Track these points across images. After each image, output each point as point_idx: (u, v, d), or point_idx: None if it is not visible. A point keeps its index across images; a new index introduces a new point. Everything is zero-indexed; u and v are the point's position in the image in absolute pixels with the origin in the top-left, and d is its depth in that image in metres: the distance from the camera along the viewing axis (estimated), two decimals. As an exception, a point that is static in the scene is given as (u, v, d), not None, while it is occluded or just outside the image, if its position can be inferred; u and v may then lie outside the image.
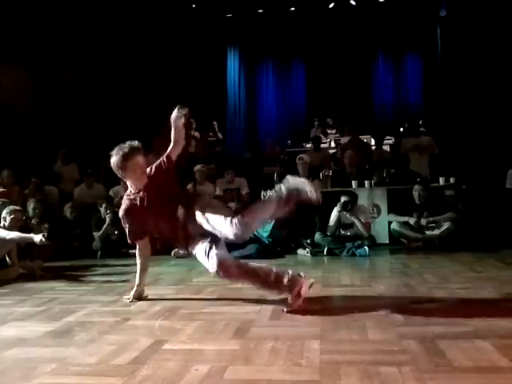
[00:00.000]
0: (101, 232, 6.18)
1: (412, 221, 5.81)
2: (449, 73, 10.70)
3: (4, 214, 4.64)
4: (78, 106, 8.77)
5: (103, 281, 4.25)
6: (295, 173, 7.18)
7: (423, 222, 5.81)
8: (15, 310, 3.07)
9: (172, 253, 5.79)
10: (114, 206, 6.28)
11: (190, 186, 7.22)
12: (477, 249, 5.37)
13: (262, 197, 5.65)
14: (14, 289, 3.97)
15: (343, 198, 5.70)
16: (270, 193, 5.51)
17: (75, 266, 5.40)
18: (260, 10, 11.76)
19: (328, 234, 5.73)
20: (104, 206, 6.30)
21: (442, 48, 11.53)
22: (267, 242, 5.66)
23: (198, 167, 7.37)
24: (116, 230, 6.10)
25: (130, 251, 6.11)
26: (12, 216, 4.58)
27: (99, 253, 6.07)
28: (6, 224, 4.56)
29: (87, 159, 7.95)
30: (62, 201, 6.89)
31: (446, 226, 5.74)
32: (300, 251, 5.69)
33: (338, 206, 5.71)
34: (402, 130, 9.96)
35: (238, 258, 5.31)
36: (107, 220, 6.20)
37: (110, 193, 6.95)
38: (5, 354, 2.19)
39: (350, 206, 5.63)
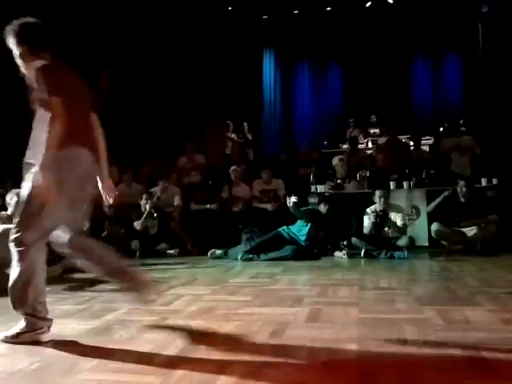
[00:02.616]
0: (141, 220, 6.30)
1: (448, 193, 5.68)
2: (490, 71, 10.39)
3: (7, 199, 4.10)
4: (114, 110, 8.94)
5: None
6: (332, 174, 7.15)
7: (466, 225, 5.64)
8: (57, 308, 3.15)
9: (208, 253, 5.85)
10: (154, 199, 6.42)
11: (226, 188, 7.28)
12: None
13: (288, 203, 5.68)
14: (56, 287, 4.08)
15: (377, 193, 5.71)
16: (293, 199, 5.53)
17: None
18: (295, 11, 11.72)
19: (364, 232, 5.70)
20: (145, 197, 6.44)
21: (483, 45, 11.21)
22: (304, 243, 5.64)
23: (233, 168, 7.42)
24: (155, 223, 6.27)
25: (169, 251, 6.24)
26: (16, 199, 3.84)
27: (138, 252, 6.18)
28: (11, 209, 4.02)
29: (126, 162, 8.10)
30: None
31: (487, 228, 5.57)
32: (337, 253, 5.65)
33: (372, 217, 5.68)
34: (441, 129, 9.73)
35: (275, 259, 5.36)
36: (147, 209, 6.32)
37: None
38: (47, 350, 2.26)
39: (382, 221, 5.63)
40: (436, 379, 1.74)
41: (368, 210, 5.84)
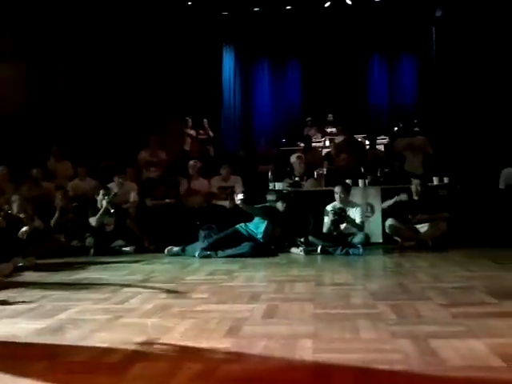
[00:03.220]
0: (97, 217, 6.14)
1: (404, 197, 5.83)
2: (443, 73, 10.73)
3: None
4: (73, 104, 8.72)
5: (95, 278, 4.23)
6: (290, 171, 7.21)
7: (418, 222, 5.82)
8: (6, 307, 3.05)
9: (165, 250, 5.78)
10: (111, 195, 6.28)
11: (184, 181, 7.23)
12: (470, 248, 5.39)
13: (236, 201, 5.71)
14: (6, 285, 3.94)
15: (337, 189, 5.77)
16: (239, 196, 5.55)
17: (68, 262, 5.37)
18: (256, 9, 11.73)
19: (324, 231, 5.76)
20: (102, 192, 6.27)
21: (436, 48, 11.56)
22: (261, 240, 5.66)
23: (191, 162, 7.38)
24: (112, 220, 6.12)
25: (124, 248, 6.13)
26: None
27: (92, 250, 6.04)
28: None
29: (83, 157, 7.91)
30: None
31: (439, 225, 5.76)
32: (294, 250, 5.69)
33: (331, 214, 5.75)
34: (396, 129, 9.98)
35: (232, 256, 5.36)
36: (104, 205, 6.17)
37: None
38: (-5, 351, 2.17)
39: (341, 219, 5.70)
40: (389, 373, 1.78)
41: (327, 207, 5.91)
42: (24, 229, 4.99)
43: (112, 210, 6.17)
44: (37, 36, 8.09)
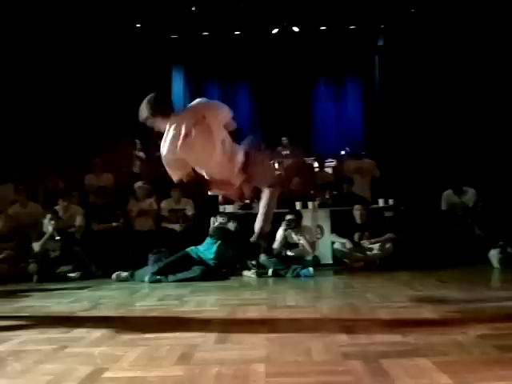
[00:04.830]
0: (41, 242, 5.90)
1: (349, 244, 5.98)
2: (387, 99, 11.18)
3: None
4: (14, 124, 8.42)
5: (40, 306, 4.04)
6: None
7: (365, 244, 5.99)
8: None
9: (113, 276, 5.61)
10: (58, 220, 6.05)
11: (133, 201, 7.10)
12: (415, 268, 5.57)
13: (212, 223, 5.68)
14: None
15: (288, 217, 5.80)
16: (219, 219, 5.57)
17: (8, 290, 5.10)
18: (205, 33, 11.85)
19: (274, 253, 5.77)
20: (49, 216, 6.03)
21: (380, 75, 12.05)
22: (212, 263, 5.61)
23: (138, 184, 7.26)
24: (58, 245, 5.90)
25: (70, 274, 5.89)
26: None
27: (35, 276, 5.77)
28: None
29: (23, 179, 7.61)
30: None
31: (386, 246, 5.93)
32: (245, 273, 5.68)
33: (284, 224, 5.79)
34: (343, 152, 10.24)
35: (183, 280, 5.27)
36: (49, 230, 5.93)
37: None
38: None
39: (295, 224, 5.73)
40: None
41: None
42: None
43: (58, 237, 5.94)
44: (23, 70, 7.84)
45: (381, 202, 6.68)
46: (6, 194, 7.36)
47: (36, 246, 5.93)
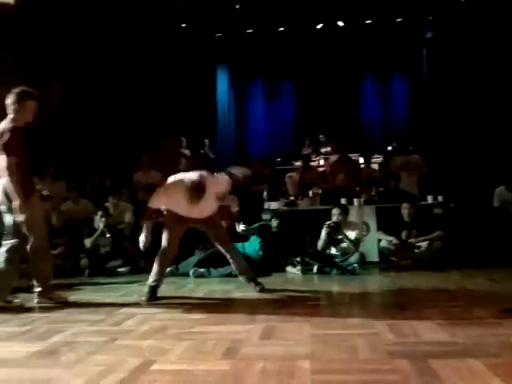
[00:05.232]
0: (92, 238, 6.10)
1: (396, 242, 5.85)
2: (435, 93, 10.88)
3: None
4: (68, 124, 8.74)
5: (91, 299, 4.19)
6: (285, 190, 7.23)
7: (413, 241, 5.86)
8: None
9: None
10: (109, 216, 6.24)
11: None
12: (465, 267, 5.39)
13: (237, 229, 5.71)
14: (0, 307, 3.89)
15: (335, 211, 5.75)
16: (241, 227, 5.64)
17: (62, 284, 5.31)
18: (249, 30, 11.89)
19: (318, 249, 5.74)
20: (100, 213, 6.23)
21: (428, 69, 11.74)
22: (256, 259, 5.65)
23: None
24: (108, 241, 6.08)
25: (119, 269, 6.07)
26: None
27: (87, 271, 5.98)
28: None
29: (74, 177, 7.90)
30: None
31: (434, 244, 5.78)
32: (289, 269, 5.66)
33: (326, 227, 5.74)
34: (389, 148, 10.06)
35: (225, 275, 5.32)
36: (100, 227, 6.13)
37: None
38: (-12, 375, 2.14)
39: (335, 233, 5.68)
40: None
41: (326, 223, 5.90)
42: None
43: (108, 235, 6.12)
44: (35, 58, 8.14)
45: (429, 199, 6.51)
46: (58, 192, 7.68)
47: (87, 243, 6.14)
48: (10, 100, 3.88)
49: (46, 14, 8.15)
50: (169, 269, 5.67)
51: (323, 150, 10.87)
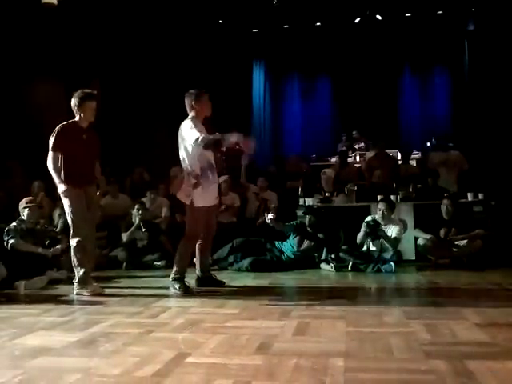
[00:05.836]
0: (128, 232, 6.23)
1: (434, 240, 5.70)
2: (477, 87, 10.56)
3: (21, 208, 5.07)
4: (107, 121, 8.93)
5: (128, 292, 4.28)
6: (320, 187, 7.18)
7: (452, 240, 5.69)
8: (42, 320, 3.12)
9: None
10: (146, 211, 6.36)
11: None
12: (506, 266, 5.23)
13: (266, 220, 5.73)
14: (41, 298, 4.03)
15: (380, 206, 5.66)
16: (270, 216, 5.69)
17: (100, 276, 5.44)
18: (286, 26, 11.83)
19: (357, 243, 5.68)
20: (137, 207, 6.35)
21: (469, 62, 11.40)
22: (292, 256, 5.67)
23: (223, 178, 7.42)
24: (145, 235, 6.20)
25: (156, 263, 6.17)
26: (28, 210, 5.01)
27: (124, 264, 6.12)
28: (25, 217, 5.02)
29: (113, 172, 8.07)
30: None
31: (474, 242, 5.61)
32: (324, 266, 5.63)
33: (365, 226, 5.65)
34: (428, 144, 9.84)
35: (255, 262, 5.37)
36: (137, 221, 6.26)
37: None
38: (31, 362, 2.22)
39: (374, 234, 5.59)
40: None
41: (366, 218, 5.81)
42: (59, 246, 5.13)
43: (144, 229, 6.23)
44: (73, 58, 8.36)
45: (470, 196, 6.33)
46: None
47: (124, 236, 6.27)
48: (72, 103, 4.21)
49: (86, 14, 8.35)
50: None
51: (357, 146, 10.73)
